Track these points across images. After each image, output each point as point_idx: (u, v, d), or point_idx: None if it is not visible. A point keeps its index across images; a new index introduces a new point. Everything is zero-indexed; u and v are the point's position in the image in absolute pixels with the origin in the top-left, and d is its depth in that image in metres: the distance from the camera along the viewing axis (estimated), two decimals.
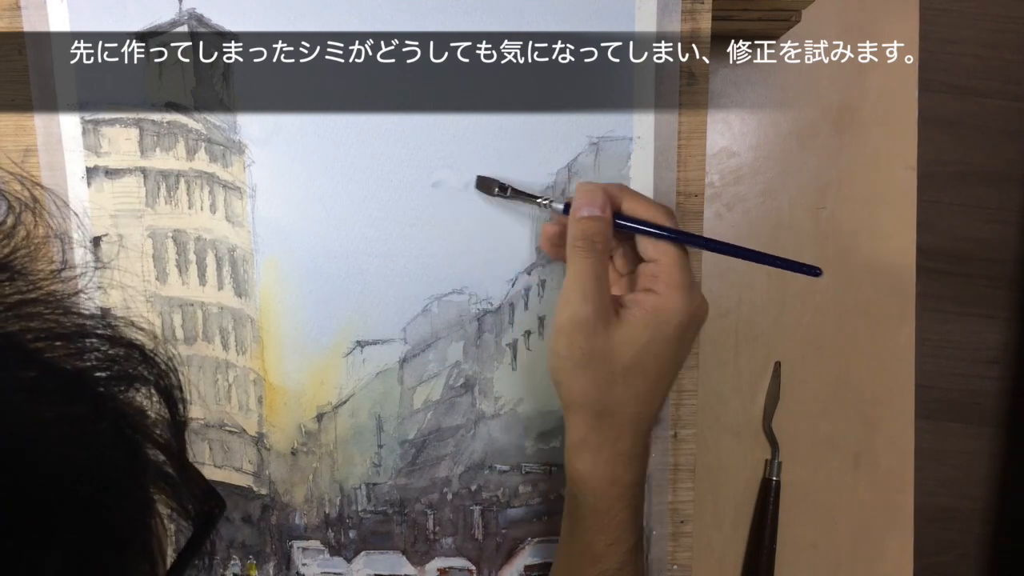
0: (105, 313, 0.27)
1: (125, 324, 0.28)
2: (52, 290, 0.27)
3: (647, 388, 0.43)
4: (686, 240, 0.44)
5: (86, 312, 0.27)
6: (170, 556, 0.29)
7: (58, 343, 0.26)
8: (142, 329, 0.28)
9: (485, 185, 0.48)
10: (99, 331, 0.27)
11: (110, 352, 0.27)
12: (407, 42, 0.48)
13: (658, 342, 0.43)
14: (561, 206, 0.46)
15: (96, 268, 0.48)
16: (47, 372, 0.25)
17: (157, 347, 0.28)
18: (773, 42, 0.61)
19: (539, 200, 0.47)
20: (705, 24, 0.48)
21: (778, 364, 0.62)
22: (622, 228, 0.45)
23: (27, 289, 0.26)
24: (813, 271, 0.44)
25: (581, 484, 0.44)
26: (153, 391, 0.28)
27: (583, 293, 0.42)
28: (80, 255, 0.48)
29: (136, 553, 0.26)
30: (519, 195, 0.48)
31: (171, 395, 0.28)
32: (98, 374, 0.26)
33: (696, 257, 0.51)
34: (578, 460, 0.44)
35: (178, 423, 0.28)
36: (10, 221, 0.27)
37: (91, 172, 0.48)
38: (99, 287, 0.49)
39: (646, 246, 0.44)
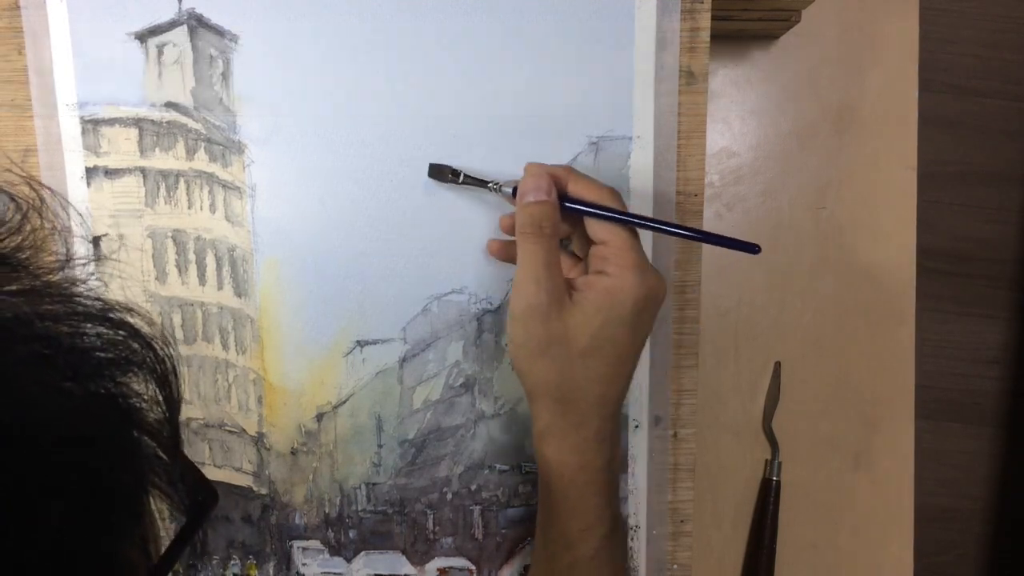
0: (107, 300, 0.28)
1: (125, 310, 0.28)
2: (56, 279, 0.28)
3: (607, 371, 0.43)
4: (630, 221, 0.44)
5: (88, 298, 0.28)
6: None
7: (63, 326, 0.26)
8: (141, 316, 0.29)
9: (438, 172, 0.48)
10: (100, 315, 0.27)
11: (110, 336, 0.27)
12: (407, 42, 0.48)
13: (613, 324, 0.42)
14: (510, 190, 0.46)
15: (98, 260, 0.48)
16: (51, 348, 0.26)
17: (155, 333, 0.29)
18: (773, 42, 0.61)
19: (489, 185, 0.47)
20: (705, 24, 0.48)
21: (778, 364, 0.62)
22: (569, 211, 0.44)
23: (32, 279, 0.27)
24: (751, 248, 0.44)
25: (550, 471, 0.44)
26: (149, 377, 0.28)
27: (535, 279, 0.42)
28: (83, 249, 0.48)
29: (128, 535, 0.27)
30: (471, 181, 0.48)
31: (166, 380, 0.29)
32: (98, 354, 0.27)
33: (695, 255, 0.51)
34: (545, 447, 0.44)
35: (172, 409, 0.29)
36: (17, 219, 0.28)
37: (91, 172, 0.48)
38: (101, 284, 0.49)
39: (595, 228, 0.44)
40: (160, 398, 0.28)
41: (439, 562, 0.52)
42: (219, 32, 0.48)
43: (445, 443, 0.51)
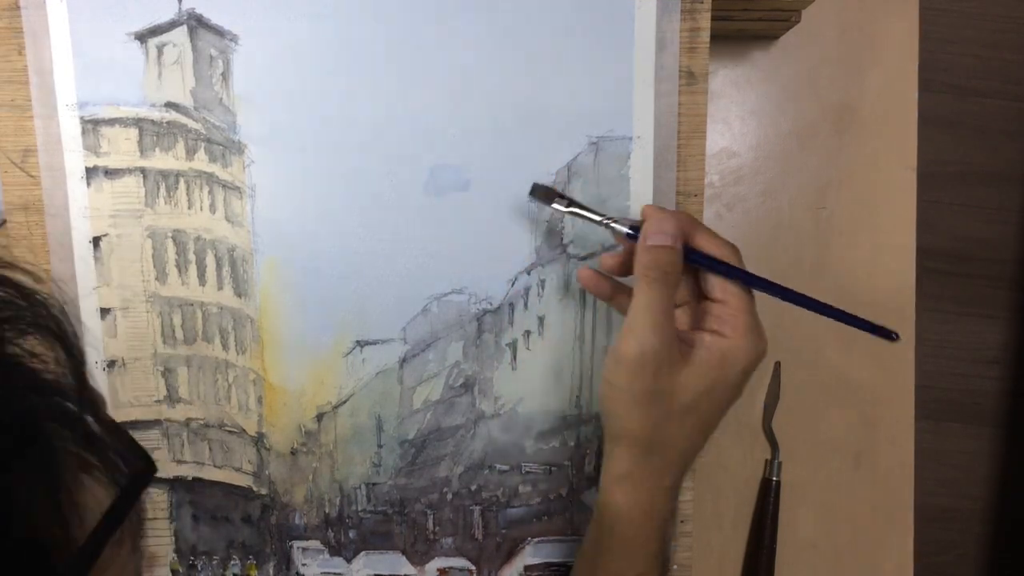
0: None
1: (8, 267, 0.27)
2: None
3: (699, 427, 0.42)
4: (757, 284, 0.42)
5: None
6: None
7: None
8: (29, 272, 0.27)
9: (543, 194, 0.46)
10: None
11: None
12: (407, 41, 0.48)
13: (720, 386, 0.42)
14: (626, 229, 0.43)
15: None
16: None
17: (45, 290, 0.27)
18: (773, 42, 0.61)
19: (602, 219, 0.44)
20: (705, 24, 0.48)
21: (778, 364, 0.62)
22: (693, 263, 0.42)
23: None
24: (889, 335, 0.42)
25: (617, 515, 0.43)
26: (45, 336, 0.27)
27: (653, 326, 0.40)
28: None
29: (39, 509, 0.25)
30: (580, 210, 0.45)
31: (63, 337, 0.27)
32: None
33: None
34: (618, 491, 0.43)
35: (76, 366, 0.27)
36: None
37: (90, 172, 0.48)
38: (96, 287, 0.49)
39: (713, 284, 0.42)
40: (63, 357, 0.27)
41: (439, 562, 0.52)
42: (219, 32, 0.48)
43: (445, 443, 0.51)
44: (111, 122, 0.48)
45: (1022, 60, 1.36)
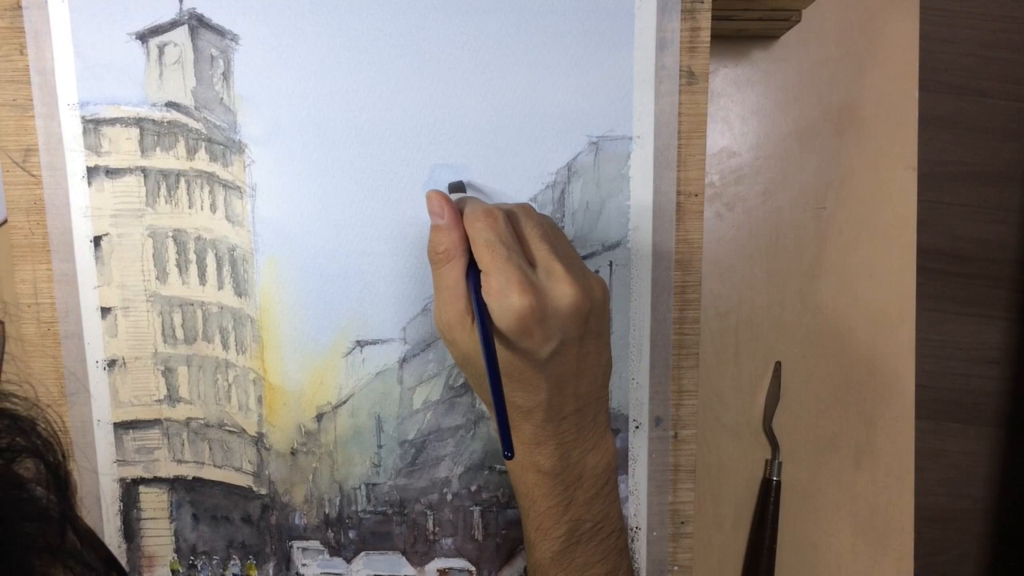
0: None
1: (3, 398, 0.28)
2: None
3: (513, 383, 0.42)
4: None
5: None
6: None
7: None
8: (19, 397, 0.28)
9: (454, 188, 0.48)
10: None
11: None
12: (408, 41, 0.48)
13: (504, 345, 0.41)
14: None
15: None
16: None
17: (38, 416, 0.28)
18: (773, 42, 0.61)
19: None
20: (705, 24, 0.48)
21: (778, 364, 0.62)
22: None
23: None
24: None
25: (510, 464, 0.45)
26: (37, 460, 0.27)
27: (439, 304, 0.43)
28: None
29: None
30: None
31: (55, 467, 0.28)
32: None
33: (696, 256, 0.51)
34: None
35: (62, 492, 0.28)
36: None
37: (92, 172, 0.48)
38: (97, 286, 0.49)
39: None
40: (50, 479, 0.28)
41: (439, 563, 0.52)
42: (220, 32, 0.48)
43: (445, 443, 0.51)
44: (112, 122, 0.48)
45: (1022, 60, 1.36)
